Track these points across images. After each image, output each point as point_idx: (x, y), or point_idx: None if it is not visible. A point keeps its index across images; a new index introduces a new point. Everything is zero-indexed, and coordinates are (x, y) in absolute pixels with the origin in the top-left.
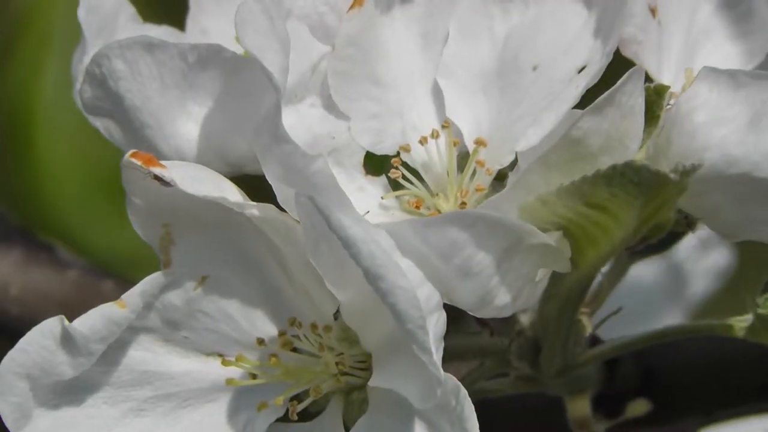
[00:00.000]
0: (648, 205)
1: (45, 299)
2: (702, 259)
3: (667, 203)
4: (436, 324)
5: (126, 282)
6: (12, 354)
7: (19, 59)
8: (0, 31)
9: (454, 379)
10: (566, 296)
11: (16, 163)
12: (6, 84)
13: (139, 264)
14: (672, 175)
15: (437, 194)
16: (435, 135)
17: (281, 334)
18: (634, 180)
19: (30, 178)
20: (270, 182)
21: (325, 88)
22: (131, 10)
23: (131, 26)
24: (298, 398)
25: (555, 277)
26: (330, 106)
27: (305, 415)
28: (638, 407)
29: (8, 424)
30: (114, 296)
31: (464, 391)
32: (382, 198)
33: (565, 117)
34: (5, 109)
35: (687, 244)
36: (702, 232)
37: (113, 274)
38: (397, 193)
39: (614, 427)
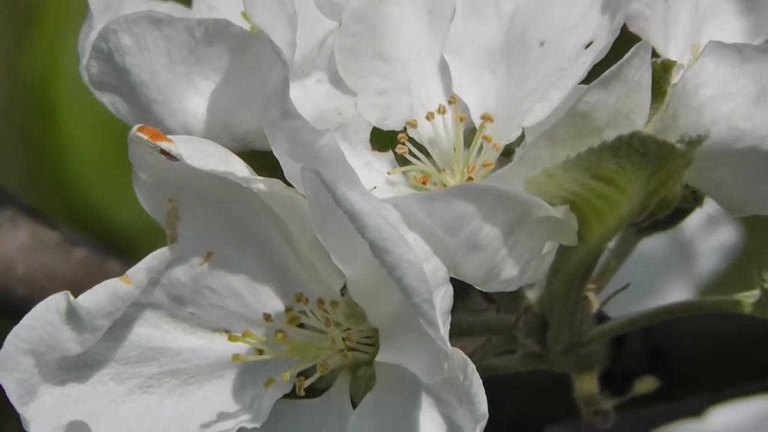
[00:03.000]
0: (654, 176)
1: (52, 279)
2: (710, 236)
3: (673, 175)
4: (442, 298)
5: (132, 260)
6: (17, 330)
7: (40, 33)
8: (21, 6)
9: (462, 353)
10: (573, 272)
11: (39, 134)
12: (28, 57)
13: (161, 231)
14: (678, 146)
15: (444, 170)
16: (442, 110)
17: (288, 309)
18: (640, 151)
19: (53, 149)
20: (277, 157)
21: (332, 63)
22: None
23: (138, 2)
24: (305, 374)
25: (562, 253)
26: (337, 81)
27: (312, 392)
28: (646, 384)
29: (13, 400)
30: (120, 275)
31: (472, 366)
32: (388, 173)
33: (572, 92)
34: (28, 82)
35: (695, 220)
36: (710, 208)
37: (135, 241)
38: (404, 168)
39: (621, 404)
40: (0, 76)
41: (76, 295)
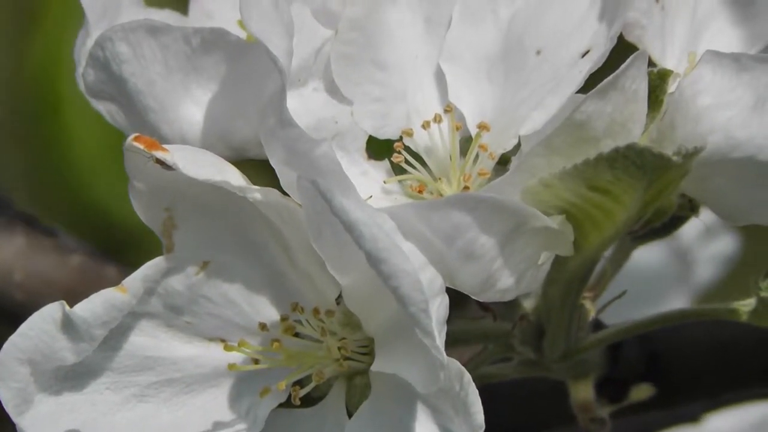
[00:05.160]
0: (651, 187)
1: (49, 285)
2: (707, 244)
3: (670, 186)
4: (438, 307)
5: (130, 267)
6: (13, 339)
7: (44, 30)
8: (23, 6)
9: (458, 363)
10: (569, 280)
11: (41, 133)
12: (32, 54)
13: None
14: (675, 158)
15: (440, 179)
16: (438, 119)
17: (283, 319)
18: (636, 162)
19: (55, 149)
20: (274, 166)
21: (328, 72)
22: None
23: (134, 10)
24: (300, 383)
25: (558, 261)
26: (333, 90)
27: (308, 401)
28: (642, 391)
29: (9, 409)
30: (117, 282)
31: (468, 376)
32: (384, 182)
33: (569, 101)
34: (30, 82)
35: (692, 229)
36: (707, 217)
37: (136, 240)
38: (400, 177)
39: (618, 411)
40: (3, 76)
41: (72, 302)
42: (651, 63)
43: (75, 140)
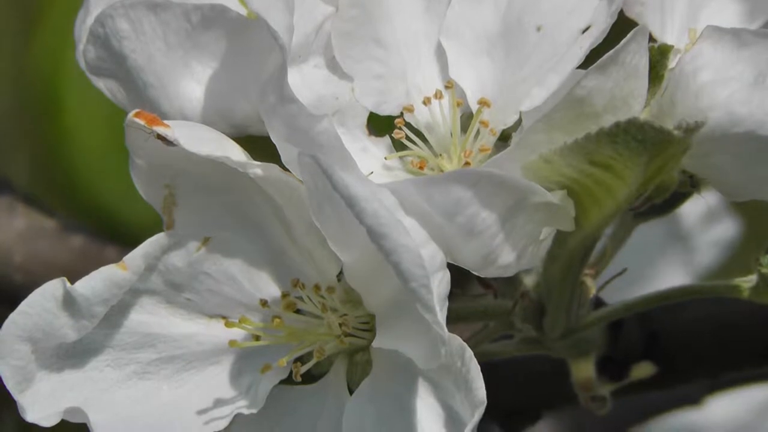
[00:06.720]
0: (652, 163)
1: (49, 266)
2: (709, 226)
3: (671, 161)
4: (440, 283)
5: (131, 248)
6: (13, 317)
7: (47, 27)
8: (27, 4)
9: (459, 339)
10: (570, 257)
11: (45, 131)
12: (35, 51)
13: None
14: (676, 133)
15: (441, 155)
16: (438, 96)
17: (284, 295)
18: (637, 137)
19: (59, 146)
20: (274, 143)
21: (329, 49)
22: None
23: None
24: (301, 360)
25: (559, 238)
26: (334, 67)
27: (309, 377)
28: (643, 370)
29: (9, 387)
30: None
31: (470, 352)
32: (385, 158)
33: (570, 77)
34: (35, 76)
35: (695, 208)
36: (710, 197)
37: (133, 236)
38: (401, 153)
39: (618, 389)
40: (6, 73)
41: (73, 283)
42: (651, 39)
43: (77, 140)
